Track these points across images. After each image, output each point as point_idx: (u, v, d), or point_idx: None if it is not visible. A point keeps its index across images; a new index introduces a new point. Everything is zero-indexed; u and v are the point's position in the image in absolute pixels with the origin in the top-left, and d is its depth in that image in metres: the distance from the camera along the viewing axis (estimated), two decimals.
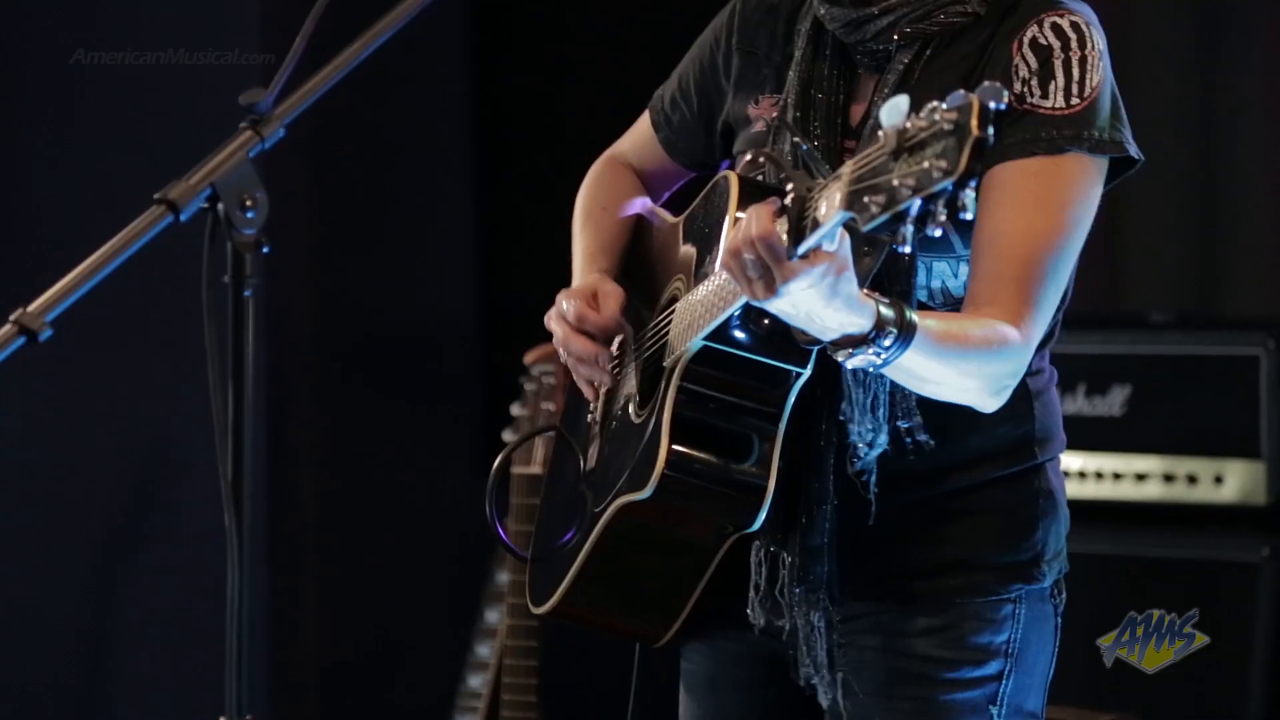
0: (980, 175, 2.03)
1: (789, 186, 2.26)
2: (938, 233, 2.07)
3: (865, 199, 2.10)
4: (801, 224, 2.23)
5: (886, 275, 2.49)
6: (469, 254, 5.63)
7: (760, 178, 2.62)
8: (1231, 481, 4.35)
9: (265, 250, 2.22)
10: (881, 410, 2.54)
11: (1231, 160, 5.07)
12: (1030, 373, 2.62)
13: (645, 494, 2.56)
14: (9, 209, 5.05)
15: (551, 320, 2.79)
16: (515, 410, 4.56)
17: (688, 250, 2.71)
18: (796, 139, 2.29)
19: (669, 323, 2.66)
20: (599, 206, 2.96)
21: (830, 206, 2.17)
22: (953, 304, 2.57)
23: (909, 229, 2.08)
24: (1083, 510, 4.47)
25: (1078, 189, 2.54)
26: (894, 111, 2.10)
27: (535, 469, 4.41)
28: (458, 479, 5.47)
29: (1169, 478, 4.43)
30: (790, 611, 2.64)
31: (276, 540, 5.13)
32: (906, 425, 2.56)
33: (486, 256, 5.59)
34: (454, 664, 4.97)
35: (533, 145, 5.50)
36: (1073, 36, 2.55)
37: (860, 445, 2.55)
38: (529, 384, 4.55)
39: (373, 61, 2.40)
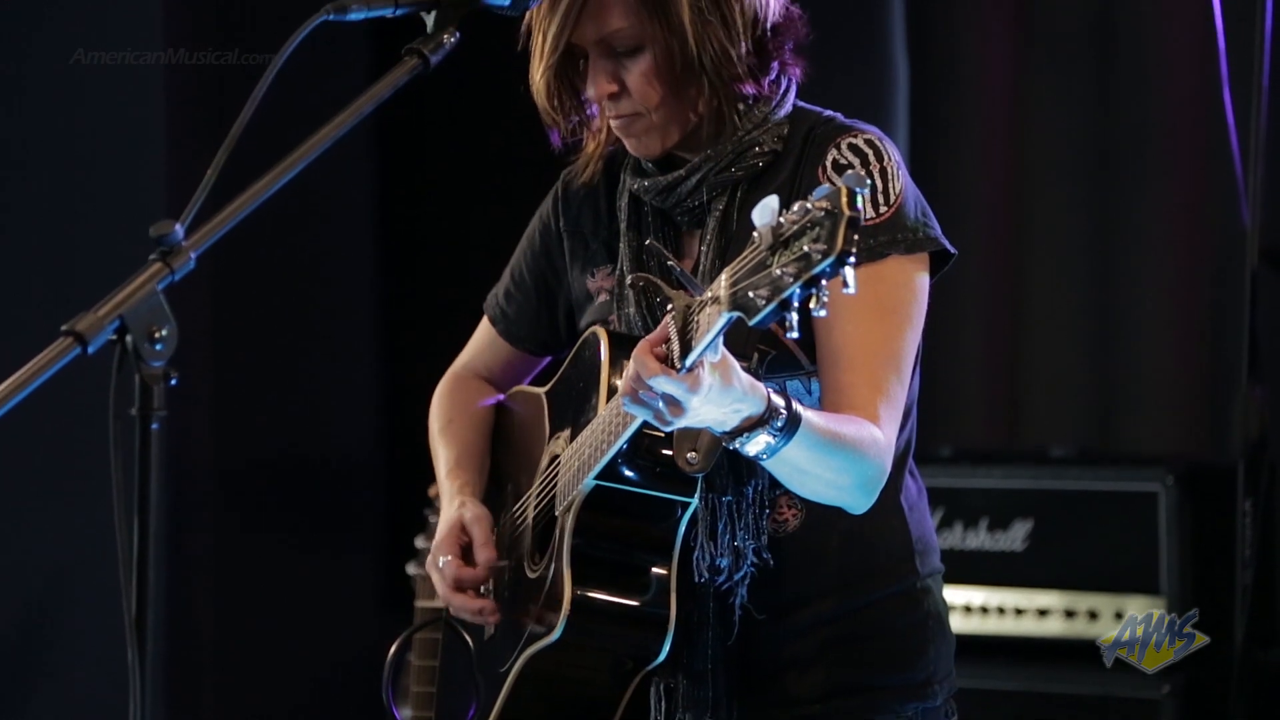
0: (856, 255, 2.10)
1: (670, 306, 2.33)
2: (822, 313, 2.13)
3: (750, 294, 2.17)
4: (687, 336, 2.30)
5: None
6: (373, 384, 5.62)
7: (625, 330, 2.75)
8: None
9: (173, 383, 2.20)
10: (721, 530, 2.63)
11: (1130, 299, 5.13)
12: (900, 488, 2.74)
13: (554, 638, 2.60)
14: (9, 208, 5.01)
15: (431, 571, 2.87)
16: (419, 543, 4.53)
17: (564, 409, 2.80)
18: (670, 262, 2.37)
19: (554, 477, 2.73)
20: (447, 420, 3.07)
21: (713, 312, 2.24)
22: None
23: (793, 316, 2.15)
24: (985, 645, 4.53)
25: (905, 290, 2.66)
26: (765, 211, 2.18)
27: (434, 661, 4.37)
28: (360, 612, 5.43)
29: (1070, 613, 4.45)
30: None
31: (174, 675, 5.06)
32: (753, 545, 2.64)
33: (391, 387, 5.58)
34: None
35: (439, 274, 5.51)
36: (869, 152, 2.69)
37: (703, 567, 2.63)
38: (433, 517, 4.53)
39: (280, 189, 2.40)
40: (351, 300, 5.62)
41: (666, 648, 2.61)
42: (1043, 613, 4.48)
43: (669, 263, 2.35)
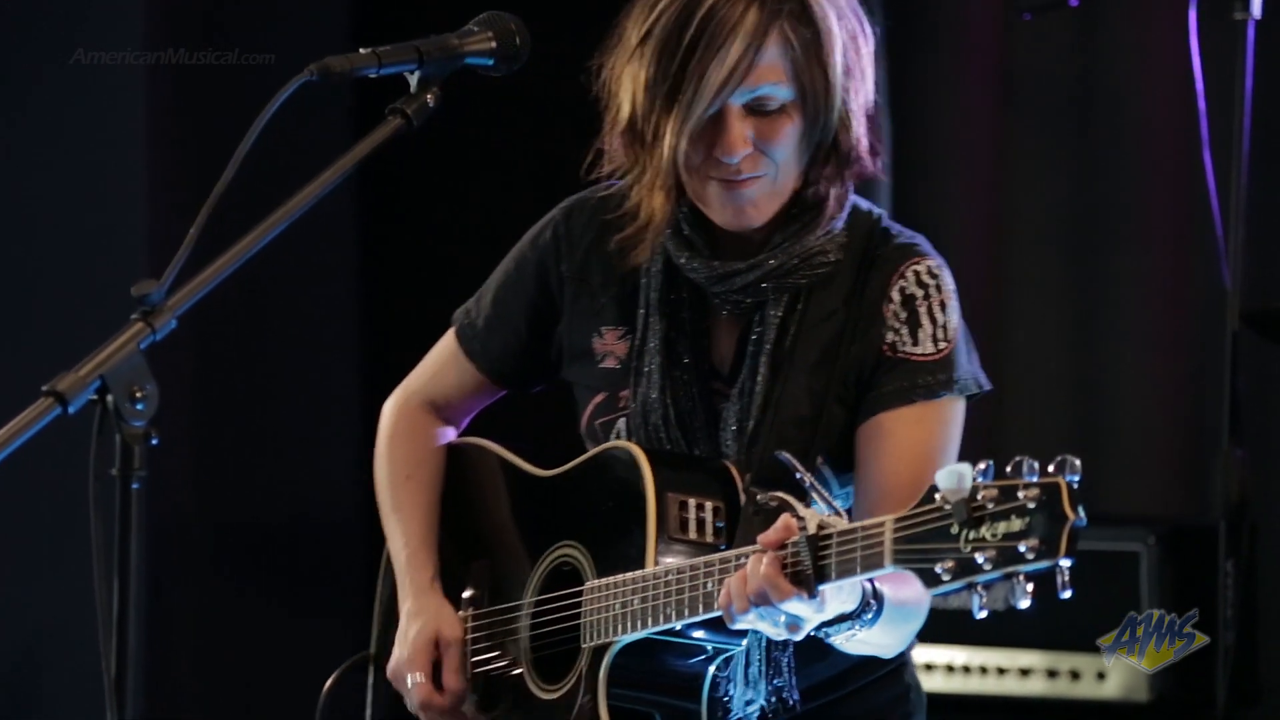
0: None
1: (801, 524, 2.30)
2: (1025, 603, 2.10)
3: (937, 569, 2.14)
4: (824, 562, 2.28)
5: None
6: (355, 444, 5.60)
7: (662, 440, 2.68)
8: (1114, 678, 4.37)
9: (154, 442, 2.19)
10: (755, 670, 2.59)
11: (1111, 360, 5.14)
12: None
13: None
14: (9, 207, 5.00)
15: (397, 683, 2.88)
16: None
17: (577, 517, 2.72)
18: (800, 475, 2.35)
19: (573, 601, 2.65)
20: (404, 475, 3.03)
21: (873, 558, 2.22)
22: None
23: (982, 596, 2.13)
24: (967, 705, 4.53)
25: (952, 427, 2.68)
26: (954, 477, 2.16)
27: None
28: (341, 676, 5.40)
29: (1052, 673, 4.44)
30: None
31: None
32: (779, 684, 2.60)
33: (373, 447, 5.55)
34: None
35: (423, 336, 5.49)
36: (931, 283, 2.68)
37: (736, 706, 2.58)
38: None
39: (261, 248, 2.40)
40: (334, 359, 5.60)
41: None
42: (1025, 672, 4.47)
43: (799, 476, 2.33)
